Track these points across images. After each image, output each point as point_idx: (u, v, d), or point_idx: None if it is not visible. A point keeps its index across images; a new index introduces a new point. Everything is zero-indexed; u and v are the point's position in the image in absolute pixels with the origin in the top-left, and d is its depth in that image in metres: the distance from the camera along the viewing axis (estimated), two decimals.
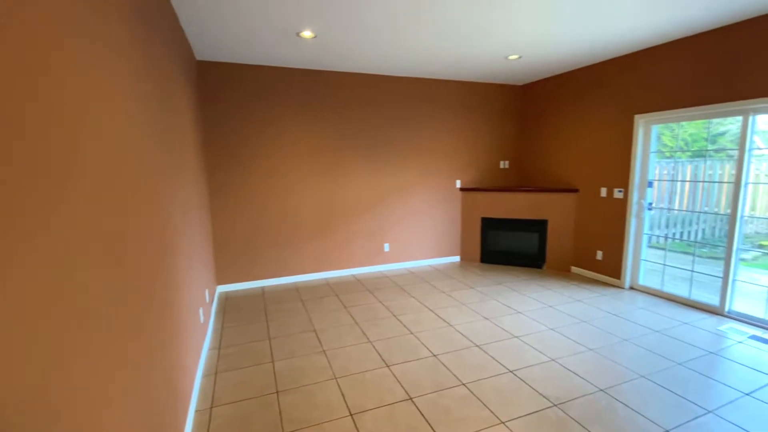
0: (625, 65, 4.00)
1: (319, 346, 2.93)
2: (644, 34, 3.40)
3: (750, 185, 3.26)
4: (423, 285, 4.40)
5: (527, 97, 5.42)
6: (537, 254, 5.06)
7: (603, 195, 4.35)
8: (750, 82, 3.05)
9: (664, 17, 3.00)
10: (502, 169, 5.63)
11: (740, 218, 3.28)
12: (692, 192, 4.85)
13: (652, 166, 3.98)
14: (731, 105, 3.19)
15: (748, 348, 2.83)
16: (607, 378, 2.44)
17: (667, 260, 4.24)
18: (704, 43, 3.33)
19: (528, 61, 4.24)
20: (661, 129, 4.03)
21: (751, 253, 4.33)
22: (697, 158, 4.73)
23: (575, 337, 3.04)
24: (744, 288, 3.49)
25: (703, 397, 2.24)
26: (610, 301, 3.80)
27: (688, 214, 5.28)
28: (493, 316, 3.48)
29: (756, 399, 2.22)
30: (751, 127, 3.15)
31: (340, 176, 4.66)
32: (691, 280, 3.80)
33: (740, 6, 2.80)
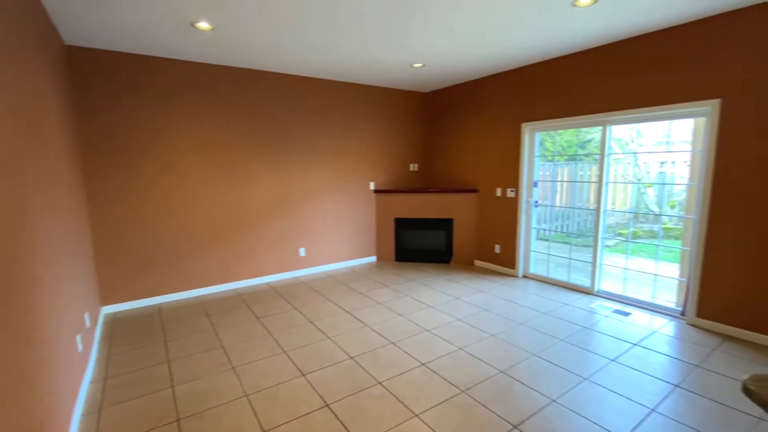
0: (515, 78, 4.49)
1: (227, 363, 2.72)
2: (529, 53, 3.86)
3: (610, 184, 3.90)
4: (340, 288, 4.38)
5: (432, 104, 5.75)
6: (445, 250, 5.41)
7: (498, 195, 4.83)
8: (606, 97, 3.66)
9: (542, 41, 3.43)
10: (413, 171, 5.89)
11: (603, 212, 3.91)
12: (569, 190, 5.68)
13: (537, 168, 4.53)
14: (593, 117, 3.79)
15: (612, 321, 3.39)
16: (506, 360, 2.71)
17: (551, 250, 4.87)
18: (573, 62, 3.90)
19: (431, 70, 4.50)
20: (543, 136, 4.63)
21: (613, 240, 5.19)
22: (571, 161, 5.55)
23: (479, 325, 3.31)
24: (608, 270, 4.18)
25: (580, 367, 2.61)
26: (507, 290, 4.23)
27: (567, 210, 6.15)
28: (407, 312, 3.62)
29: (619, 363, 2.67)
30: (608, 135, 3.77)
31: (249, 178, 4.40)
32: (569, 266, 4.42)
33: (602, 33, 3.34)
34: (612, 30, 3.23)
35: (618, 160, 6.66)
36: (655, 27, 3.18)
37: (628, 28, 3.21)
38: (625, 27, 3.17)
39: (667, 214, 5.63)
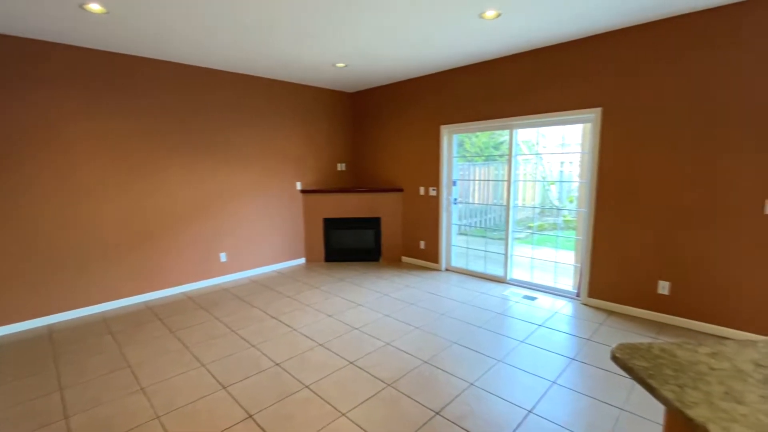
0: (434, 82, 4.72)
1: (134, 384, 2.47)
2: (446, 59, 4.08)
3: (519, 182, 4.30)
4: (267, 292, 4.23)
5: (358, 104, 5.80)
6: (374, 249, 5.50)
7: (422, 193, 5.05)
8: (512, 103, 4.03)
9: (455, 49, 3.66)
10: (340, 171, 5.89)
11: (513, 207, 4.30)
12: (485, 188, 6.15)
13: (456, 168, 4.83)
14: (501, 121, 4.14)
15: (522, 305, 3.75)
16: (429, 350, 2.85)
17: (470, 244, 5.23)
18: (484, 70, 4.22)
19: (355, 71, 4.54)
20: (462, 137, 4.94)
21: (524, 233, 5.73)
22: (488, 161, 6.03)
23: (405, 319, 3.43)
24: (518, 260, 4.61)
25: (495, 350, 2.85)
26: (431, 283, 4.45)
27: (484, 206, 6.64)
28: (336, 312, 3.62)
29: (527, 344, 2.96)
30: (514, 138, 4.15)
31: (162, 180, 4.03)
32: (485, 258, 4.79)
33: (507, 44, 3.65)
34: (515, 42, 3.57)
35: (527, 161, 7.38)
36: (551, 42, 3.58)
37: (529, 42, 3.56)
38: (525, 40, 3.51)
39: (566, 209, 6.37)
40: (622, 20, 3.05)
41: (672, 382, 0.93)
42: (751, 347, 1.10)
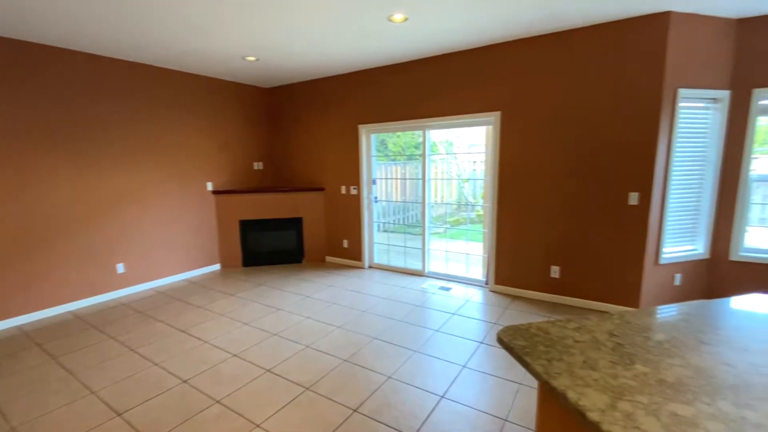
0: (352, 81, 4.73)
1: (2, 425, 2.08)
2: (360, 59, 4.11)
3: (438, 180, 4.51)
4: (174, 304, 3.86)
5: (276, 100, 5.58)
6: (296, 250, 5.36)
7: (343, 192, 5.05)
8: (425, 105, 4.21)
9: (367, 49, 3.71)
10: (257, 170, 5.61)
11: (428, 204, 4.51)
12: (408, 186, 6.36)
13: (375, 167, 4.91)
14: (415, 122, 4.31)
15: (438, 296, 3.96)
16: (349, 348, 2.87)
17: (392, 240, 5.36)
18: (399, 71, 4.34)
19: (269, 66, 4.35)
20: (385, 137, 5.04)
21: (443, 227, 6.03)
22: (409, 160, 6.23)
23: (327, 319, 3.41)
24: (436, 254, 4.85)
25: (412, 342, 2.97)
26: (354, 281, 4.47)
27: (406, 203, 6.86)
28: (254, 319, 3.45)
29: (442, 332, 3.13)
30: (428, 139, 4.35)
31: (41, 181, 3.43)
32: (405, 254, 4.96)
33: (416, 47, 3.80)
34: (426, 46, 3.73)
35: (443, 160, 7.80)
36: (458, 48, 3.81)
37: (441, 46, 3.75)
38: (436, 44, 3.69)
39: (479, 204, 6.87)
40: (514, 32, 3.36)
41: (543, 357, 1.05)
42: (608, 320, 1.29)
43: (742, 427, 0.77)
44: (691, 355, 1.06)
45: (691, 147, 3.21)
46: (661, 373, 0.97)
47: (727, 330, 1.20)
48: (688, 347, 1.10)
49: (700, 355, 1.05)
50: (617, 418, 0.80)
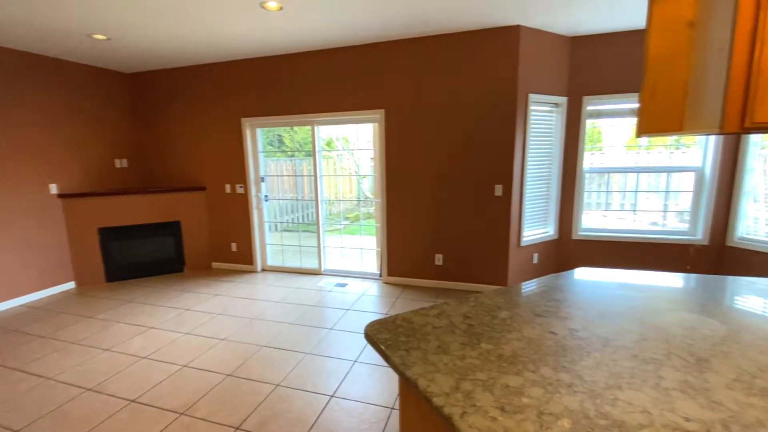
0: (233, 70, 4.36)
1: None
2: (243, 48, 3.80)
3: (339, 177, 4.44)
4: (5, 338, 3.10)
5: (139, 88, 4.85)
6: (175, 258, 4.78)
7: (228, 191, 4.66)
8: (314, 99, 4.11)
9: (252, 38, 3.45)
10: (120, 168, 4.83)
11: (321, 201, 4.44)
12: (307, 183, 6.16)
13: (263, 163, 4.64)
14: (303, 116, 4.19)
15: (334, 294, 3.93)
16: (234, 361, 2.66)
17: (285, 240, 5.16)
18: (284, 63, 4.14)
19: (126, 47, 3.74)
20: (282, 132, 4.77)
21: (341, 224, 6.02)
22: (308, 157, 6.03)
23: (210, 332, 3.11)
24: (333, 251, 4.82)
25: (305, 344, 2.88)
26: (244, 287, 4.18)
27: (305, 201, 6.66)
28: (117, 343, 2.96)
29: (336, 330, 3.11)
30: (317, 134, 4.27)
31: None
32: (300, 253, 4.82)
33: (297, 39, 3.66)
34: (308, 40, 3.62)
35: (341, 156, 7.79)
36: (343, 44, 3.79)
37: (321, 39, 3.68)
38: (316, 38, 3.61)
39: (375, 199, 7.03)
40: (391, 33, 3.48)
41: (402, 348, 1.09)
42: (465, 303, 1.41)
43: (557, 389, 0.89)
44: (526, 328, 1.20)
45: (541, 145, 3.74)
46: (500, 348, 1.08)
47: (556, 301, 1.40)
48: (525, 321, 1.25)
49: (533, 327, 1.21)
50: (458, 399, 0.86)
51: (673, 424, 0.76)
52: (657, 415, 0.79)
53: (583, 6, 2.92)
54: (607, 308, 1.33)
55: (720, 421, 0.77)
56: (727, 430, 0.75)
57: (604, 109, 3.71)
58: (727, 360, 0.99)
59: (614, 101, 3.64)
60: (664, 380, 0.91)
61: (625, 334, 1.14)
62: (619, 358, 1.02)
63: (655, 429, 0.75)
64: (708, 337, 1.11)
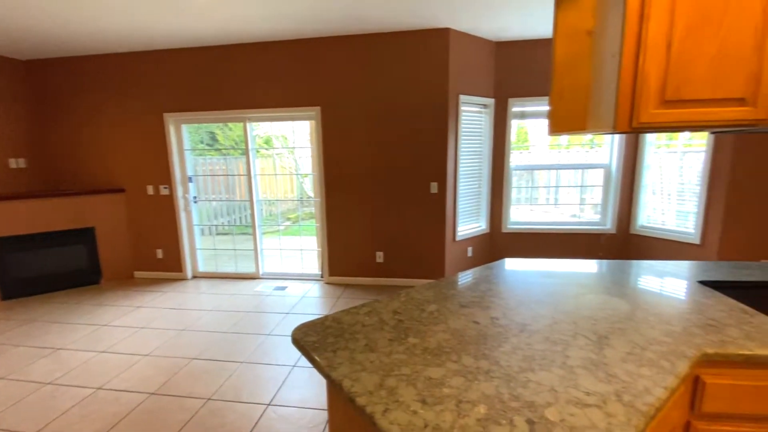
0: (158, 61, 3.99)
1: None
2: (167, 37, 3.49)
3: (282, 176, 4.25)
4: None
5: (38, 77, 4.26)
6: (89, 269, 4.29)
7: (150, 193, 4.28)
8: (245, 95, 3.90)
9: (176, 27, 3.18)
10: (16, 169, 4.21)
11: (257, 202, 4.25)
12: (244, 183, 5.83)
13: (191, 162, 4.32)
14: (235, 112, 3.97)
15: (273, 298, 3.78)
16: (158, 378, 2.44)
17: (219, 245, 4.87)
18: (215, 56, 3.88)
19: (18, 28, 3.26)
20: (215, 129, 4.46)
21: (283, 225, 5.81)
22: (244, 155, 5.71)
23: (131, 349, 2.83)
24: (272, 253, 4.64)
25: (240, 353, 2.74)
26: (173, 297, 3.87)
27: (241, 203, 6.32)
28: (15, 370, 2.58)
29: (273, 335, 2.99)
30: (249, 131, 4.07)
31: None
32: (236, 257, 4.58)
33: (233, 32, 3.45)
34: (237, 30, 3.43)
35: (279, 154, 7.52)
36: (275, 37, 3.64)
37: (253, 32, 3.50)
38: (248, 30, 3.44)
39: (315, 198, 6.90)
40: (325, 29, 3.42)
41: (330, 349, 1.06)
42: (396, 299, 1.42)
43: (476, 376, 0.93)
44: (452, 319, 1.24)
45: (472, 144, 3.92)
46: (426, 341, 1.10)
47: (481, 292, 1.47)
48: (451, 312, 1.29)
49: (458, 318, 1.25)
50: (381, 397, 0.85)
51: (575, 400, 0.83)
52: (562, 392, 0.85)
53: (505, 14, 3.10)
54: (526, 296, 1.42)
55: (614, 392, 0.85)
56: (620, 399, 0.83)
57: (528, 111, 3.99)
58: (623, 336, 1.11)
59: (536, 103, 3.92)
60: (570, 359, 0.99)
61: (539, 319, 1.23)
62: (533, 341, 1.08)
63: (560, 405, 0.81)
64: (609, 317, 1.23)
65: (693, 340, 1.07)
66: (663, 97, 1.19)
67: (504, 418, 0.77)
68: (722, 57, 1.14)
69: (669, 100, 1.19)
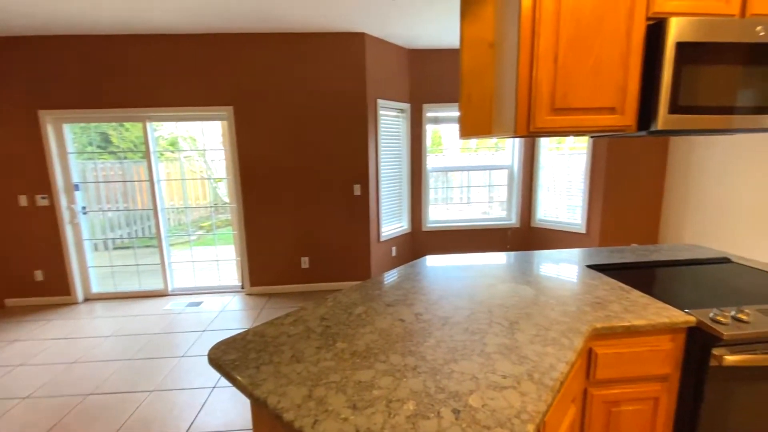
0: (30, 47, 3.35)
1: None
2: (39, 19, 2.94)
3: (193, 181, 3.84)
4: None
5: None
6: None
7: (23, 204, 3.60)
8: (145, 92, 3.49)
9: (61, 8, 2.70)
10: None
11: (161, 210, 3.84)
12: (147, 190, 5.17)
13: (77, 167, 3.74)
14: (131, 111, 3.53)
15: (186, 315, 3.45)
16: (44, 423, 2.06)
17: (119, 261, 4.29)
18: (104, 46, 3.39)
19: None
20: (108, 129, 3.86)
21: (196, 234, 5.31)
22: (145, 159, 5.06)
23: (3, 393, 2.34)
24: (183, 266, 4.22)
25: (150, 380, 2.44)
26: (59, 325, 3.30)
27: (144, 211, 5.63)
28: None
29: (188, 357, 2.73)
30: (150, 132, 3.66)
31: None
32: (139, 273, 4.08)
33: (129, 21, 3.05)
34: (137, 19, 3.06)
35: (189, 158, 6.86)
36: (180, 30, 3.32)
37: (156, 22, 3.15)
38: (151, 20, 3.08)
39: (231, 204, 6.45)
40: (235, 25, 3.23)
41: (252, 366, 1.00)
42: (323, 305, 1.39)
43: (404, 374, 0.95)
44: (379, 319, 1.25)
45: (392, 147, 4.03)
46: (354, 344, 1.10)
47: (405, 290, 1.51)
48: (378, 313, 1.30)
49: (385, 317, 1.27)
50: (310, 409, 0.83)
51: (494, 384, 0.89)
52: (482, 379, 0.91)
53: (416, 23, 3.25)
54: (446, 290, 1.50)
55: (526, 372, 0.94)
56: (531, 378, 0.91)
57: (441, 116, 4.23)
58: (530, 320, 1.23)
59: (448, 109, 4.17)
60: (488, 346, 1.07)
61: (459, 311, 1.30)
62: (455, 333, 1.15)
63: (482, 391, 0.87)
64: (518, 303, 1.36)
65: (585, 317, 1.23)
66: (553, 105, 1.35)
67: (432, 412, 0.80)
68: (597, 71, 1.33)
69: (558, 108, 1.36)
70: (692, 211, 3.30)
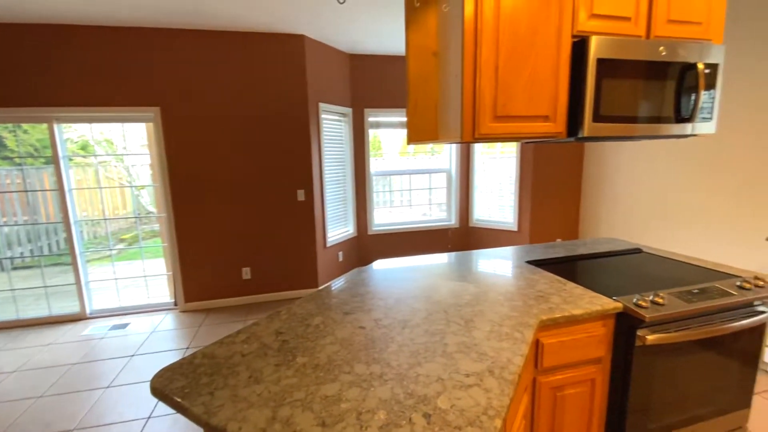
0: None
1: None
2: None
3: (108, 189, 3.39)
4: None
5: None
6: None
7: None
8: (53, 90, 3.06)
9: None
10: None
11: (74, 223, 3.40)
12: (53, 200, 4.49)
13: None
14: (34, 111, 3.08)
15: (109, 340, 3.08)
16: None
17: (20, 283, 3.70)
18: None
19: None
20: (2, 131, 3.27)
21: (116, 248, 4.75)
22: (49, 165, 4.37)
23: None
24: (103, 285, 3.76)
25: (68, 418, 2.13)
26: None
27: (51, 225, 4.90)
28: None
29: (114, 387, 2.43)
30: (58, 134, 3.22)
31: None
32: (47, 296, 3.56)
33: (36, 5, 2.63)
34: (38, 6, 2.66)
35: (105, 164, 6.12)
36: (96, 21, 2.96)
37: (63, 11, 2.77)
38: (58, 7, 2.70)
39: (159, 214, 5.91)
40: (159, 20, 2.98)
41: (205, 392, 0.92)
42: (276, 318, 1.32)
43: (371, 383, 0.93)
44: (338, 329, 1.23)
45: (335, 151, 3.99)
46: (315, 357, 1.06)
47: (361, 296, 1.50)
48: (336, 322, 1.28)
49: (344, 326, 1.24)
50: (276, 431, 0.78)
51: (459, 384, 0.92)
52: (448, 380, 0.93)
53: (354, 29, 3.25)
54: (401, 293, 1.52)
55: (487, 369, 0.98)
56: (492, 374, 0.96)
57: (382, 121, 4.28)
58: (483, 317, 1.29)
59: (389, 114, 4.24)
60: (449, 346, 1.10)
61: (417, 313, 1.32)
62: (416, 336, 1.16)
63: (449, 392, 0.89)
64: (470, 301, 1.42)
65: (531, 310, 1.32)
66: (495, 113, 1.44)
67: (403, 419, 0.80)
68: (533, 82, 1.44)
69: (499, 116, 1.45)
70: (606, 207, 3.72)
